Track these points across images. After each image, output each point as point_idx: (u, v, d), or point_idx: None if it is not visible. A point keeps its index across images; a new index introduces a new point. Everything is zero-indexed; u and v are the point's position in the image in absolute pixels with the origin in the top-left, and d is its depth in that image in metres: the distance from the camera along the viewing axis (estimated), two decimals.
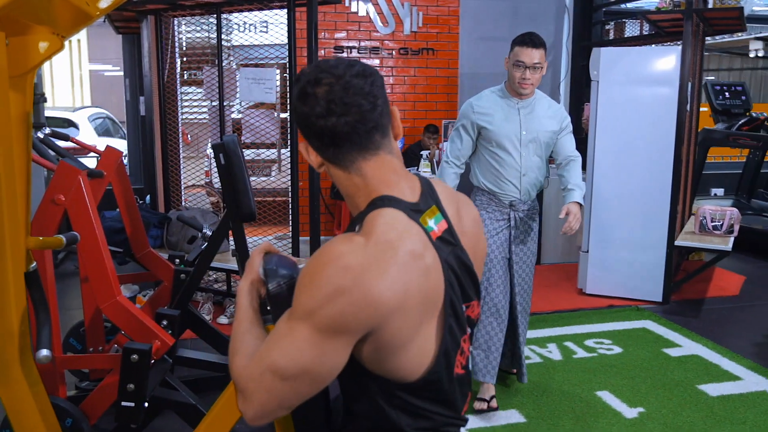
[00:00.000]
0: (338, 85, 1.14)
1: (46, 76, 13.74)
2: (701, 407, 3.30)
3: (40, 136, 2.94)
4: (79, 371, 3.25)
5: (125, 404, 2.23)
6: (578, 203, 3.10)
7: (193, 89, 5.06)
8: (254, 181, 5.52)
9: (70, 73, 15.34)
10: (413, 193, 1.22)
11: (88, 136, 9.11)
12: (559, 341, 4.14)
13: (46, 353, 1.71)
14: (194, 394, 2.67)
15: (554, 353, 3.97)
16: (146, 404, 2.27)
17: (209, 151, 5.59)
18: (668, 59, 4.69)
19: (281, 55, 4.65)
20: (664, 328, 4.38)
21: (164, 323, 2.57)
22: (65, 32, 1.59)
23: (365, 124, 1.16)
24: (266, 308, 1.32)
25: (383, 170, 1.20)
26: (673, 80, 4.65)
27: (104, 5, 1.56)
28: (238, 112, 5.18)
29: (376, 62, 6.52)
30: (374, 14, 6.44)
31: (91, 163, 4.76)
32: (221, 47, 4.48)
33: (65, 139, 3.27)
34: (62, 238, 1.76)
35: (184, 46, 5.09)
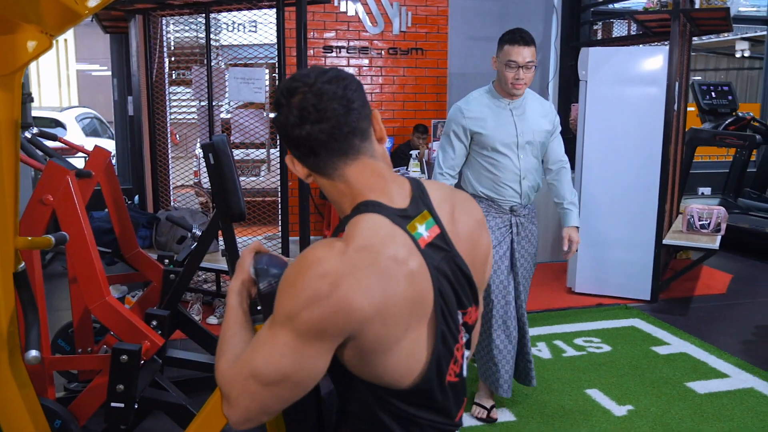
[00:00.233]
0: (311, 92, 1.14)
1: (32, 75, 13.63)
2: (689, 404, 3.33)
3: (27, 136, 2.92)
4: (67, 372, 3.24)
5: (115, 405, 2.22)
6: (577, 227, 3.08)
7: (181, 89, 5.04)
8: (243, 181, 5.51)
9: (57, 72, 15.24)
10: (403, 197, 1.21)
11: (75, 136, 9.06)
12: (548, 340, 4.16)
13: (35, 354, 1.70)
14: (184, 394, 2.66)
15: (544, 352, 3.99)
16: (136, 405, 2.26)
17: (198, 151, 5.57)
18: (656, 59, 4.72)
19: (270, 54, 4.64)
20: (652, 326, 4.41)
21: (154, 324, 2.57)
22: (54, 31, 1.58)
23: (341, 129, 1.14)
24: (257, 308, 1.32)
25: (366, 174, 1.19)
26: (660, 80, 4.68)
27: (93, 4, 1.55)
28: (227, 111, 5.17)
29: (365, 62, 6.52)
30: (363, 14, 6.44)
31: (79, 163, 4.74)
32: (210, 47, 4.47)
33: (53, 139, 3.25)
34: (51, 238, 1.75)
35: (172, 45, 5.07)
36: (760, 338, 4.30)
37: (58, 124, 9.27)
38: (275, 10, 4.25)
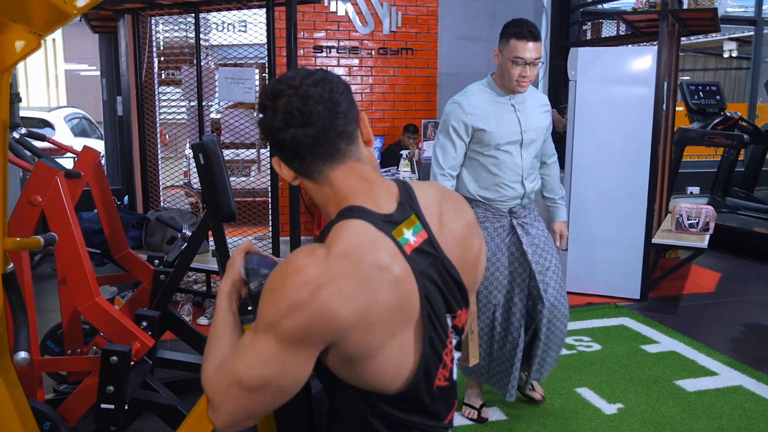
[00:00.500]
0: (296, 95, 1.13)
1: (20, 75, 13.56)
2: (679, 402, 3.35)
3: (15, 136, 2.90)
4: (57, 374, 3.22)
5: (105, 406, 2.21)
6: (565, 221, 3.10)
7: (171, 89, 5.02)
8: (233, 181, 5.49)
9: (45, 72, 15.16)
10: (389, 202, 1.19)
11: (64, 136, 9.01)
12: None
13: (24, 356, 1.69)
14: (175, 395, 2.65)
15: None
16: (126, 406, 2.25)
17: (188, 151, 5.55)
18: (644, 59, 4.74)
19: (260, 54, 4.63)
20: (642, 325, 4.43)
21: (144, 324, 2.56)
22: (42, 31, 1.57)
23: (326, 132, 1.13)
24: (247, 308, 1.32)
25: (352, 179, 1.18)
26: (649, 80, 4.71)
27: (82, 4, 1.55)
28: (216, 112, 5.16)
29: (355, 62, 6.52)
30: (353, 14, 6.44)
31: (68, 163, 4.71)
32: (199, 47, 4.46)
33: (41, 139, 3.24)
34: (40, 238, 1.74)
35: (161, 45, 5.05)
36: (748, 336, 4.33)
37: (46, 124, 9.21)
38: (265, 9, 4.25)
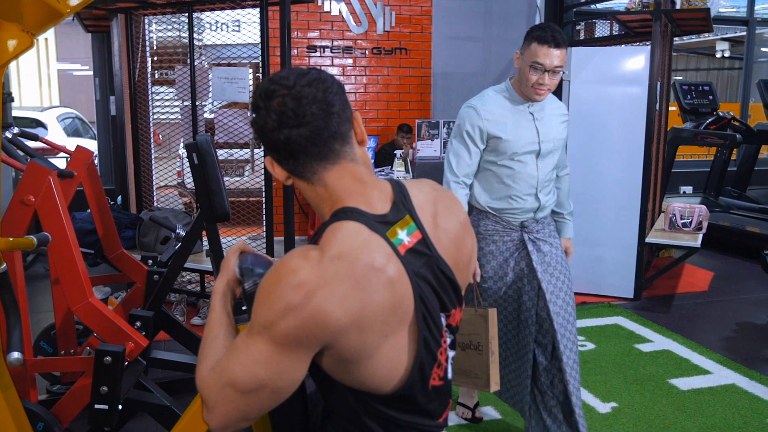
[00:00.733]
0: (289, 96, 1.12)
1: (13, 75, 13.49)
2: (672, 401, 3.36)
3: (8, 136, 2.89)
4: (50, 375, 3.21)
5: (99, 407, 2.20)
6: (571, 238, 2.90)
7: (164, 89, 5.01)
8: (227, 181, 5.48)
9: (37, 72, 15.10)
10: (383, 202, 1.19)
11: (57, 136, 8.98)
12: None
13: (17, 356, 1.68)
14: (169, 395, 2.65)
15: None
16: (120, 407, 2.25)
17: (181, 151, 5.54)
18: (638, 59, 4.76)
19: (254, 54, 4.63)
20: (635, 324, 4.45)
21: (138, 325, 2.55)
22: (35, 29, 1.57)
23: (320, 133, 1.13)
24: (241, 308, 1.32)
25: (346, 180, 1.17)
26: (642, 80, 4.72)
27: (75, 2, 1.54)
28: (210, 111, 5.15)
29: (349, 62, 6.52)
30: (347, 14, 6.44)
31: (61, 163, 4.69)
32: (193, 46, 4.45)
33: (34, 139, 3.22)
34: (33, 238, 1.74)
35: (155, 45, 5.04)
36: (741, 335, 4.35)
37: (39, 124, 9.18)
38: (259, 9, 4.24)
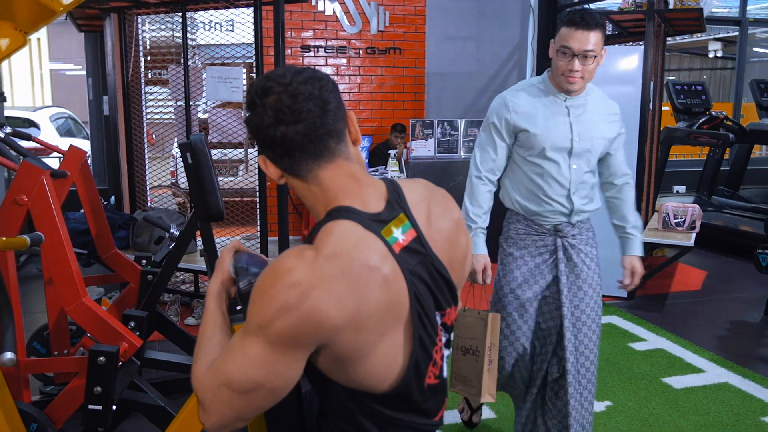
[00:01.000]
0: (286, 93, 1.12)
1: (5, 75, 13.43)
2: (666, 399, 3.37)
3: (0, 135, 2.88)
4: (43, 375, 3.20)
5: (92, 408, 2.19)
6: (641, 256, 2.53)
7: (158, 88, 5.00)
8: (221, 181, 5.47)
9: (30, 72, 15.04)
10: (377, 201, 1.19)
11: (49, 136, 8.94)
12: None
13: (10, 356, 1.67)
14: (163, 396, 2.64)
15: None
16: (114, 407, 2.24)
17: (175, 151, 5.53)
18: (631, 59, 4.77)
19: (248, 54, 4.62)
20: (629, 323, 4.46)
21: (131, 325, 2.54)
22: (27, 28, 1.56)
23: (317, 130, 1.13)
24: (236, 308, 1.32)
25: (341, 178, 1.17)
26: (635, 79, 4.74)
27: (68, 1, 1.54)
28: (204, 111, 5.14)
29: (343, 61, 6.51)
30: (341, 13, 6.44)
31: (54, 163, 4.67)
32: (186, 46, 4.44)
33: (27, 138, 3.21)
34: (26, 238, 1.73)
35: (148, 44, 5.02)
36: (734, 334, 4.37)
37: (31, 124, 9.14)
38: (252, 9, 4.23)
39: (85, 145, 8.82)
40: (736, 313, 4.75)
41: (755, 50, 11.87)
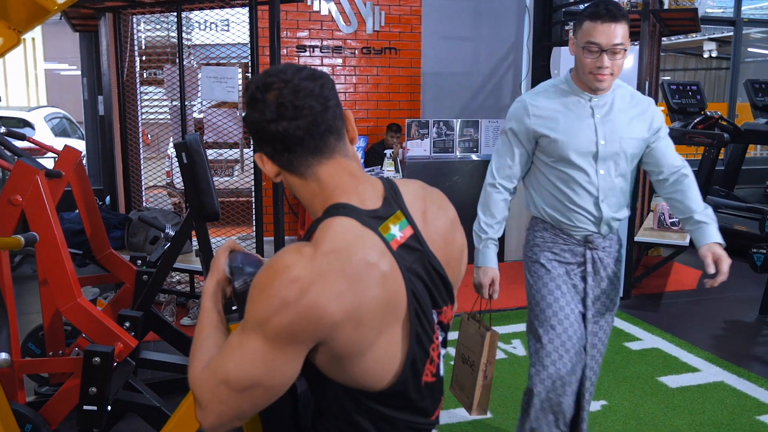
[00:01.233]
0: (287, 88, 1.12)
1: None
2: (662, 399, 3.37)
3: None
4: (38, 376, 3.19)
5: (87, 408, 2.19)
6: (721, 244, 2.19)
7: (153, 88, 4.99)
8: (217, 181, 5.47)
9: (24, 72, 15.01)
10: (375, 198, 1.19)
11: (44, 136, 8.90)
12: (523, 337, 4.18)
13: (4, 357, 1.67)
14: (158, 396, 2.63)
15: (519, 349, 4.02)
16: (109, 408, 2.24)
17: (170, 151, 5.52)
18: (626, 59, 4.78)
19: (243, 54, 4.61)
20: (625, 322, 4.46)
21: (127, 325, 2.54)
22: (21, 27, 1.55)
23: (318, 126, 1.13)
24: (231, 308, 1.31)
25: (340, 175, 1.17)
26: (631, 79, 4.74)
27: (62, 0, 1.53)
28: (199, 111, 5.13)
29: (338, 61, 6.51)
30: (336, 13, 6.43)
31: (48, 163, 4.66)
32: (182, 45, 4.43)
33: (22, 138, 3.20)
34: (20, 238, 1.72)
35: (143, 44, 5.01)
36: (729, 333, 4.38)
37: (26, 124, 9.11)
38: (248, 8, 4.23)
39: (80, 145, 8.79)
40: (731, 312, 4.76)
41: (750, 50, 11.90)
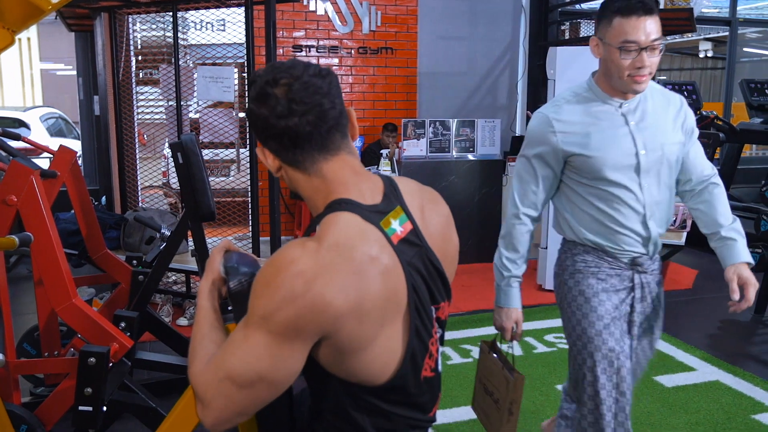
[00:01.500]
0: (298, 84, 1.13)
1: None
2: (657, 398, 3.38)
3: None
4: (33, 377, 3.18)
5: (83, 409, 2.18)
6: (748, 263, 2.01)
7: (149, 88, 4.98)
8: (213, 181, 5.46)
9: (20, 72, 14.97)
10: (375, 194, 1.21)
11: (40, 136, 8.87)
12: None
13: (0, 357, 1.66)
14: (154, 397, 2.63)
15: (515, 348, 4.00)
16: (104, 408, 2.23)
17: (166, 151, 5.51)
18: None
19: (239, 53, 4.61)
20: None
21: (122, 325, 2.53)
22: (16, 27, 1.55)
23: (326, 123, 1.15)
24: (227, 308, 1.31)
25: (344, 171, 1.19)
26: None
27: None
28: (195, 111, 5.12)
29: (335, 61, 6.51)
30: (333, 13, 6.43)
31: (44, 164, 4.65)
32: (177, 45, 4.42)
33: (17, 138, 3.19)
34: (14, 238, 1.72)
35: (139, 44, 5.00)
36: (724, 332, 4.39)
37: (21, 124, 9.07)
38: (244, 8, 4.22)
39: (75, 145, 8.78)
40: (726, 311, 4.72)
41: (745, 50, 11.93)
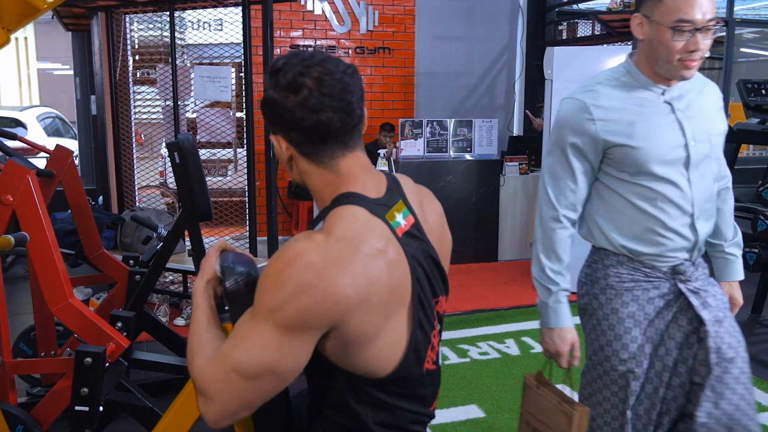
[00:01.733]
0: (330, 79, 1.14)
1: None
2: None
3: None
4: (30, 377, 3.18)
5: (79, 409, 2.18)
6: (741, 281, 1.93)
7: (146, 88, 4.98)
8: (210, 181, 5.45)
9: (17, 71, 14.96)
10: (379, 188, 1.23)
11: (37, 136, 8.86)
12: (516, 336, 4.19)
13: None
14: (150, 397, 2.62)
15: (512, 348, 4.02)
16: (101, 408, 2.23)
17: (163, 151, 5.50)
18: (619, 58, 4.77)
19: (236, 53, 4.60)
20: None
21: (119, 325, 2.52)
22: (11, 25, 1.55)
23: (353, 120, 1.17)
24: (223, 307, 1.31)
25: (357, 167, 1.21)
26: None
27: None
28: (192, 111, 5.12)
29: None
30: (330, 13, 6.43)
31: (40, 163, 4.65)
32: (175, 45, 4.42)
33: (13, 138, 3.19)
34: (10, 238, 1.71)
35: (136, 43, 5.00)
36: None
37: (18, 123, 9.07)
38: (241, 8, 4.22)
39: (72, 144, 8.77)
40: None
41: (742, 50, 11.95)
